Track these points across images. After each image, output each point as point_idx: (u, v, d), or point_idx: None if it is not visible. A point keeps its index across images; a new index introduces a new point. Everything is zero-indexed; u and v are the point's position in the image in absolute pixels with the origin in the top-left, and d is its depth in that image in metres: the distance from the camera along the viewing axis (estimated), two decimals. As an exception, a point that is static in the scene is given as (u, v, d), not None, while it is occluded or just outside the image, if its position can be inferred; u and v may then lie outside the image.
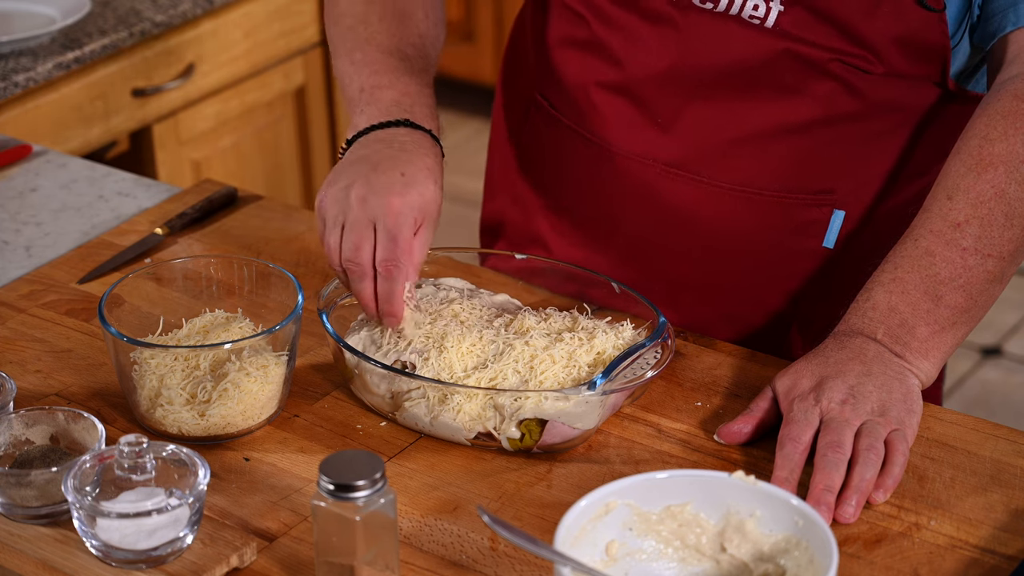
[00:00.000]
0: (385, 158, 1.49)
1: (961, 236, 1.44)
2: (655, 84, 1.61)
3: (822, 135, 1.57)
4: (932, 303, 1.44)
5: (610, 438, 1.46)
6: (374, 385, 1.46)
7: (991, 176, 1.44)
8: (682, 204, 1.63)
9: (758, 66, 1.55)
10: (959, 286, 1.44)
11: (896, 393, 1.41)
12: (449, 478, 1.41)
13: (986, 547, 1.33)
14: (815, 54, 1.53)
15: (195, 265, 1.57)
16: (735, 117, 1.58)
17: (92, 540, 1.30)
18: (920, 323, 1.44)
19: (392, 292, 1.45)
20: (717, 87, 1.58)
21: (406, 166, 1.48)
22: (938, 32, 1.50)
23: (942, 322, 1.44)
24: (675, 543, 1.27)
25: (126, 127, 2.77)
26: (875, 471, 1.36)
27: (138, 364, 1.45)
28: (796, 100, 1.56)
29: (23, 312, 1.65)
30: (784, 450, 1.38)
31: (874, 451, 1.36)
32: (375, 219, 1.45)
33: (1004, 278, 1.47)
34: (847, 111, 1.56)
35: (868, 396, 1.40)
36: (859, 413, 1.39)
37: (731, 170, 1.60)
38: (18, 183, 1.95)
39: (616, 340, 1.47)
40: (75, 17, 2.63)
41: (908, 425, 1.40)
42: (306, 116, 3.16)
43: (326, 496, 1.25)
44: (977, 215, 1.44)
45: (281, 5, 3.01)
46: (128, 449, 1.30)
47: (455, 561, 1.32)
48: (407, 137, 1.52)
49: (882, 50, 1.51)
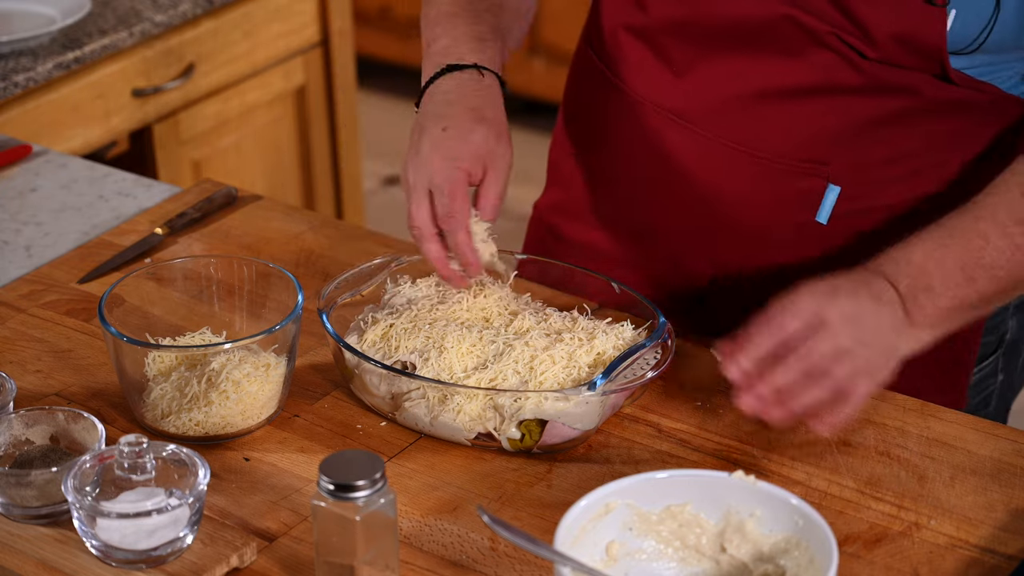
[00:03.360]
0: (430, 118, 1.54)
1: (1019, 234, 1.43)
2: (672, 32, 1.62)
3: (820, 104, 1.56)
4: (966, 282, 1.43)
5: (610, 438, 1.46)
6: (373, 386, 1.46)
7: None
8: (683, 154, 1.63)
9: (763, 27, 1.55)
10: (994, 276, 1.43)
11: (887, 344, 1.40)
12: (449, 478, 1.41)
13: (986, 547, 1.33)
14: (815, 24, 1.52)
15: (195, 265, 1.57)
16: (738, 74, 1.59)
17: (92, 540, 1.30)
18: (945, 296, 1.43)
19: (457, 244, 1.49)
20: (725, 42, 1.58)
21: (448, 119, 1.53)
22: (936, 30, 1.49)
23: (964, 302, 1.43)
24: (675, 543, 1.27)
25: (126, 127, 2.77)
26: (822, 398, 1.35)
27: (138, 364, 1.45)
28: (796, 65, 1.55)
29: (23, 312, 1.65)
30: (756, 326, 1.37)
31: (833, 380, 1.35)
32: (428, 183, 1.50)
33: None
34: (847, 84, 1.55)
35: (866, 328, 1.39)
36: (851, 339, 1.37)
37: (729, 126, 1.60)
38: (18, 183, 1.95)
39: (616, 340, 1.47)
40: (75, 17, 2.62)
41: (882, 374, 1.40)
42: (306, 116, 3.16)
43: (326, 496, 1.25)
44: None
45: (281, 5, 3.01)
46: (128, 449, 1.30)
47: (455, 561, 1.32)
48: (451, 83, 1.56)
49: (877, 37, 1.51)
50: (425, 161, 1.51)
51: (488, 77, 1.58)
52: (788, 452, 1.44)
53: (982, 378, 1.72)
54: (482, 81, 1.57)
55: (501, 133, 1.55)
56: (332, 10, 3.13)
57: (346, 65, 3.21)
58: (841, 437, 1.46)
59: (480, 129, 1.53)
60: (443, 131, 1.52)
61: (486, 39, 1.60)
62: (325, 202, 3.26)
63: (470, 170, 1.51)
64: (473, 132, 1.52)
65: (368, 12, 4.47)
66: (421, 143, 1.52)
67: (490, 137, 1.53)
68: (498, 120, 1.55)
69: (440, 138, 1.52)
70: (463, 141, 1.51)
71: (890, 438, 1.45)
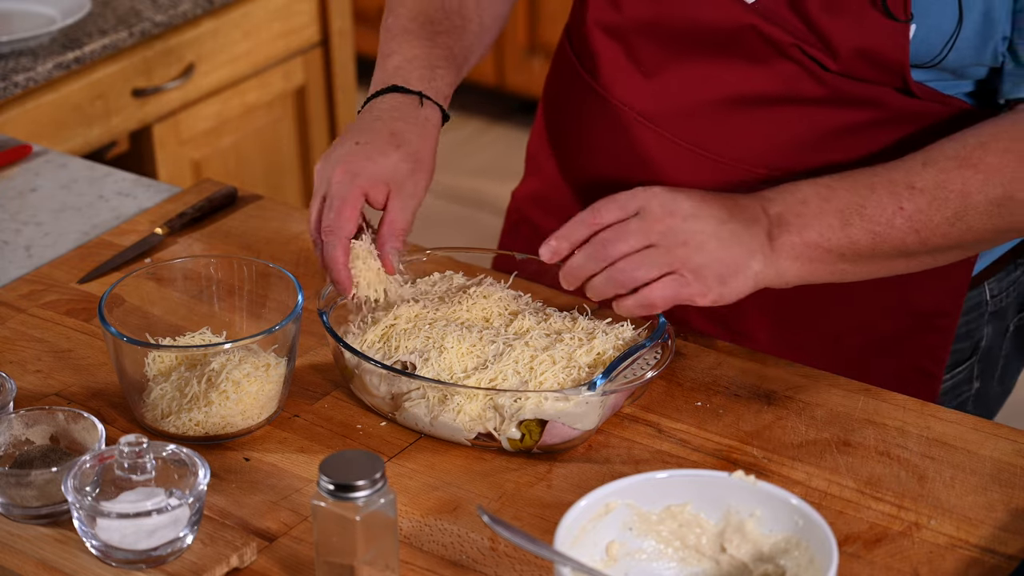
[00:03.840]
0: (353, 130, 1.54)
1: (907, 198, 1.43)
2: (643, 33, 1.62)
3: (783, 113, 1.56)
4: (839, 224, 1.43)
5: (610, 438, 1.46)
6: (373, 387, 1.46)
7: (968, 175, 1.43)
8: (650, 155, 1.64)
9: (728, 35, 1.55)
10: (871, 231, 1.43)
11: (729, 257, 1.40)
12: (449, 478, 1.41)
13: (986, 547, 1.33)
14: (778, 35, 1.52)
15: (195, 265, 1.57)
16: (705, 79, 1.59)
17: (92, 540, 1.30)
18: (814, 230, 1.43)
19: (330, 257, 1.48)
20: (693, 46, 1.59)
21: (366, 135, 1.52)
22: (899, 44, 1.49)
23: (833, 245, 1.43)
24: (675, 543, 1.27)
25: (126, 127, 2.77)
26: (613, 290, 1.39)
27: (138, 364, 1.45)
28: (760, 73, 1.56)
29: (23, 312, 1.65)
30: (581, 213, 1.41)
31: (623, 271, 1.38)
32: (326, 190, 1.50)
33: (913, 261, 1.47)
34: (809, 95, 1.55)
35: (697, 232, 1.40)
36: (664, 236, 1.39)
37: (694, 130, 1.61)
38: (18, 183, 1.95)
39: (616, 341, 1.47)
40: (75, 17, 2.63)
41: (699, 285, 1.40)
42: (306, 116, 3.16)
43: (326, 496, 1.25)
44: (933, 195, 1.43)
45: (281, 5, 3.01)
46: (128, 449, 1.31)
47: (455, 561, 1.32)
48: (388, 104, 1.55)
49: (840, 50, 1.51)
50: (330, 169, 1.51)
51: (428, 108, 1.57)
52: (788, 452, 1.44)
53: (955, 384, 1.71)
54: (419, 111, 1.56)
55: (418, 163, 1.53)
56: (332, 10, 3.13)
57: (346, 65, 3.21)
58: (841, 437, 1.46)
59: (393, 154, 1.51)
60: (356, 144, 1.52)
61: (437, 67, 1.59)
62: (325, 202, 3.25)
63: (368, 190, 1.50)
64: (384, 155, 1.51)
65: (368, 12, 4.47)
66: (334, 150, 1.53)
67: (400, 164, 1.52)
68: (421, 151, 1.54)
69: (351, 151, 1.51)
70: (370, 160, 1.50)
71: (890, 438, 1.46)
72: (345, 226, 1.48)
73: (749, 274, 1.42)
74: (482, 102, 4.33)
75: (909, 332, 1.64)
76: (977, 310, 1.68)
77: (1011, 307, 1.73)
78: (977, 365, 1.72)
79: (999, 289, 1.69)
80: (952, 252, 1.48)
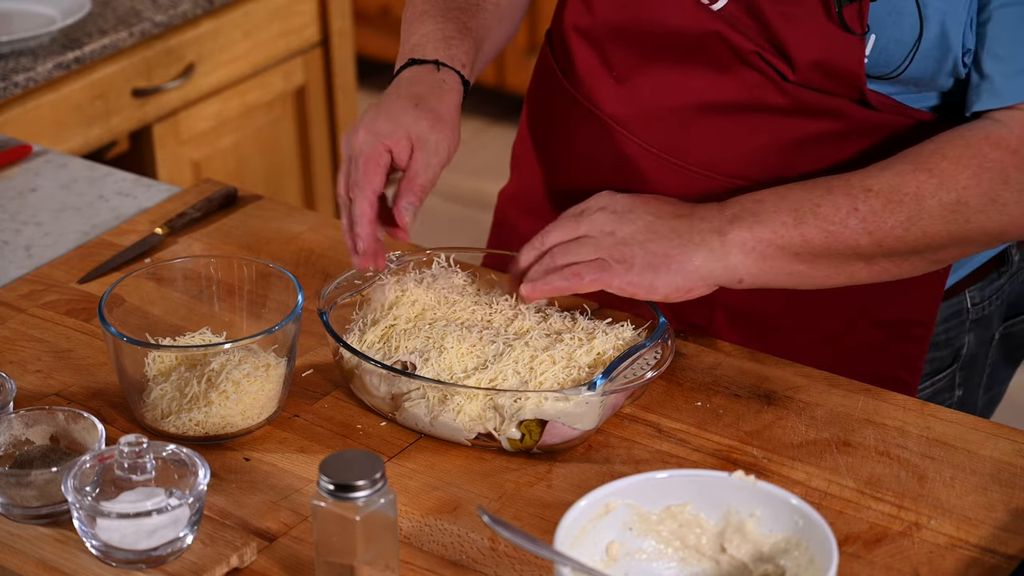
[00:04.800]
0: (376, 103, 1.57)
1: (862, 199, 1.44)
2: (614, 37, 1.63)
3: (747, 121, 1.57)
4: (793, 221, 1.44)
5: (610, 438, 1.46)
6: (373, 387, 1.46)
7: (923, 180, 1.44)
8: (623, 161, 1.64)
9: (695, 40, 1.56)
10: (825, 230, 1.44)
11: (657, 248, 1.44)
12: (449, 478, 1.41)
13: (986, 547, 1.33)
14: (741, 42, 1.53)
15: (195, 265, 1.57)
16: (672, 85, 1.59)
17: (92, 540, 1.30)
18: (767, 226, 1.44)
19: (358, 211, 1.50)
20: (661, 52, 1.59)
21: (386, 101, 1.56)
22: (855, 56, 1.49)
23: (786, 242, 1.44)
24: (675, 543, 1.27)
25: (126, 127, 2.77)
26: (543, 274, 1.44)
27: (138, 364, 1.45)
28: (725, 81, 1.56)
29: (23, 312, 1.65)
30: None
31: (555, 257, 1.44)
32: (350, 154, 1.53)
33: (871, 264, 1.47)
34: (773, 104, 1.55)
35: (626, 223, 1.44)
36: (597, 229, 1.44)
37: (661, 136, 1.61)
38: (18, 183, 1.95)
39: (616, 340, 1.47)
40: (75, 17, 2.63)
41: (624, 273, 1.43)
42: (306, 116, 3.16)
43: (326, 496, 1.25)
44: (888, 197, 1.44)
45: (281, 5, 3.01)
46: (128, 449, 1.31)
47: (455, 561, 1.32)
48: (407, 76, 1.59)
49: (797, 61, 1.51)
50: (353, 134, 1.53)
51: (444, 72, 1.59)
52: (788, 452, 1.44)
53: (936, 392, 1.71)
54: (435, 74, 1.59)
55: (439, 120, 1.55)
56: (332, 10, 3.13)
57: (346, 65, 3.21)
58: (841, 437, 1.46)
59: (412, 112, 1.54)
60: (377, 109, 1.55)
61: (452, 37, 1.62)
62: (325, 202, 3.26)
63: (392, 147, 1.51)
64: (404, 113, 1.54)
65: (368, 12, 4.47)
66: (358, 121, 1.56)
67: (422, 120, 1.53)
68: (439, 108, 1.56)
69: (372, 116, 1.54)
70: (391, 120, 1.53)
71: (890, 438, 1.46)
72: (372, 180, 1.50)
73: (689, 267, 1.44)
74: (482, 102, 4.33)
75: (884, 341, 1.64)
76: (958, 318, 1.68)
77: (995, 315, 1.72)
78: (959, 373, 1.72)
79: (981, 297, 1.69)
80: (912, 260, 1.48)
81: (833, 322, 1.64)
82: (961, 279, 1.67)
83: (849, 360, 1.62)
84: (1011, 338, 1.77)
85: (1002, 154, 1.44)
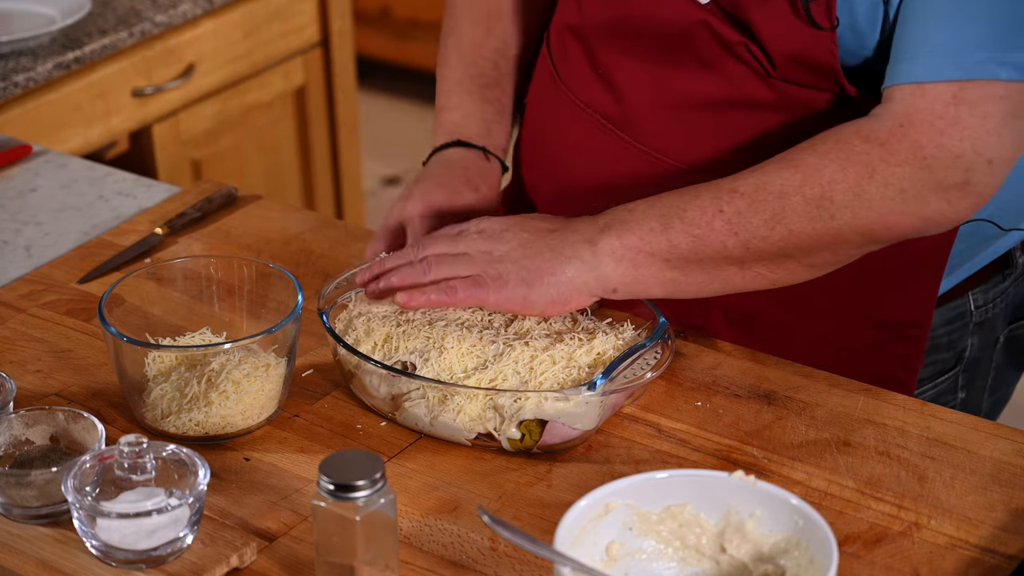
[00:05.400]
0: (430, 175, 1.66)
1: (727, 201, 1.43)
2: (601, 34, 1.64)
3: (736, 117, 1.56)
4: (660, 227, 1.44)
5: (610, 438, 1.46)
6: (373, 387, 1.46)
7: (787, 176, 1.42)
8: (614, 160, 1.64)
9: (681, 35, 1.56)
10: (691, 234, 1.43)
11: (530, 263, 1.45)
12: (449, 478, 1.41)
13: (986, 547, 1.33)
14: (727, 34, 1.53)
15: (195, 265, 1.57)
16: (658, 81, 1.60)
17: (92, 540, 1.30)
18: (635, 233, 1.45)
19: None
20: (648, 48, 1.59)
21: (443, 177, 1.64)
22: (827, 50, 1.48)
23: (654, 248, 1.44)
24: (675, 543, 1.27)
25: (126, 127, 2.77)
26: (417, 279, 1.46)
27: (138, 364, 1.45)
28: (711, 75, 1.56)
29: (23, 312, 1.65)
30: None
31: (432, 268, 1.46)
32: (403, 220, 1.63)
33: (745, 270, 1.45)
34: (759, 99, 1.55)
35: (501, 243, 1.47)
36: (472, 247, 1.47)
37: (647, 134, 1.61)
38: (18, 183, 1.95)
39: (616, 341, 1.47)
40: (75, 17, 2.63)
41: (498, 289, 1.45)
42: (306, 116, 3.16)
43: (326, 496, 1.25)
44: (753, 196, 1.42)
45: (281, 5, 3.01)
46: (128, 449, 1.31)
47: (455, 561, 1.32)
48: (456, 155, 1.68)
49: (775, 55, 1.51)
50: (412, 204, 1.61)
51: (492, 161, 1.69)
52: (788, 452, 1.44)
53: (939, 394, 1.71)
54: (486, 163, 1.68)
55: (488, 208, 1.64)
56: (332, 10, 3.13)
57: (346, 65, 3.21)
58: (841, 437, 1.46)
59: (471, 195, 1.62)
60: (429, 181, 1.63)
61: (493, 123, 1.71)
62: (325, 202, 3.26)
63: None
64: (462, 195, 1.62)
65: (368, 12, 4.48)
66: (413, 188, 1.63)
67: (477, 207, 1.62)
68: (487, 197, 1.65)
69: (430, 189, 1.62)
70: (450, 200, 1.61)
71: (890, 438, 1.46)
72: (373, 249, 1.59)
73: (562, 279, 1.45)
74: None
75: (881, 342, 1.64)
76: (961, 320, 1.68)
77: (1000, 318, 1.72)
78: (962, 375, 1.72)
79: (985, 300, 1.68)
80: (787, 264, 1.45)
81: (829, 323, 1.64)
82: (963, 281, 1.66)
83: (846, 361, 1.62)
84: (1017, 341, 1.76)
85: (870, 147, 1.40)
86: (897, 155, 1.39)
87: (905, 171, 1.39)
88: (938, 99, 1.38)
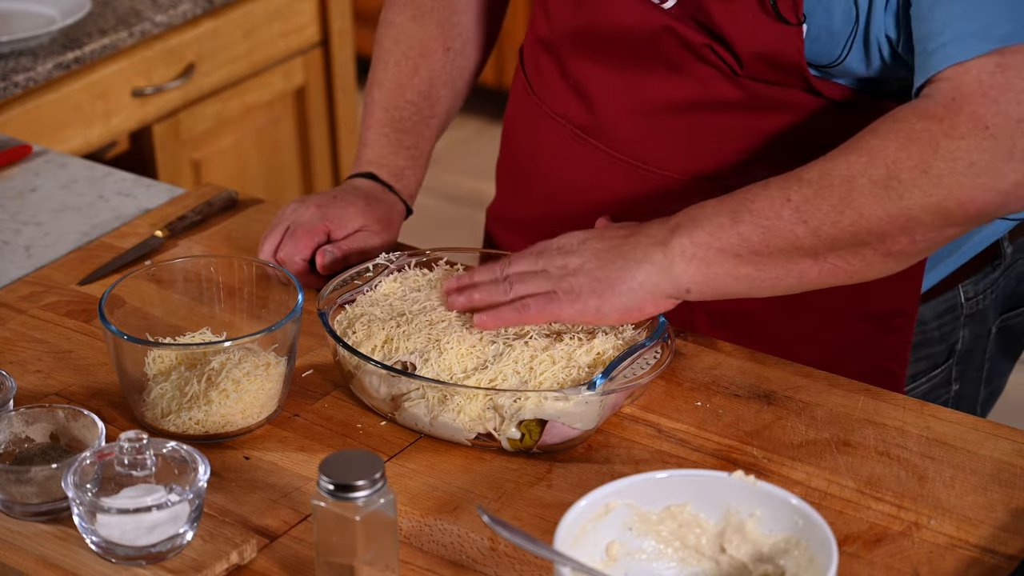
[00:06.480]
0: (332, 190, 1.71)
1: (795, 189, 1.41)
2: (571, 44, 1.64)
3: (707, 119, 1.56)
4: (730, 222, 1.42)
5: (610, 438, 1.46)
6: (373, 388, 1.46)
7: (852, 159, 1.40)
8: (591, 170, 1.65)
9: (647, 40, 1.56)
10: (761, 226, 1.41)
11: (601, 273, 1.45)
12: (449, 478, 1.41)
13: (986, 547, 1.33)
14: (692, 36, 1.53)
15: (195, 266, 1.57)
16: (628, 88, 1.60)
17: (92, 536, 1.30)
18: (705, 229, 1.43)
19: None
20: (616, 55, 1.60)
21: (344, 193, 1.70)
22: (793, 47, 1.48)
23: (725, 243, 1.42)
24: (675, 543, 1.27)
25: (126, 127, 2.77)
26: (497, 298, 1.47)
27: (138, 363, 1.45)
28: (680, 78, 1.56)
29: (23, 313, 1.65)
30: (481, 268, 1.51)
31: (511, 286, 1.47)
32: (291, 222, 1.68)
33: (820, 262, 1.42)
34: (728, 99, 1.55)
35: (577, 256, 1.46)
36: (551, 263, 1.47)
37: (621, 140, 1.61)
38: (18, 183, 1.95)
39: (616, 340, 1.47)
40: (75, 17, 2.63)
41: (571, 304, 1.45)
42: (306, 116, 3.16)
43: (326, 496, 1.25)
44: (819, 183, 1.41)
45: (281, 5, 3.01)
46: (128, 445, 1.31)
47: (455, 561, 1.32)
48: (366, 184, 1.73)
49: (741, 53, 1.51)
50: (302, 205, 1.67)
51: (398, 203, 1.73)
52: (788, 452, 1.44)
53: (933, 387, 1.71)
54: (391, 196, 1.73)
55: (387, 226, 1.69)
56: (332, 10, 3.13)
57: (346, 65, 3.22)
58: (841, 437, 1.46)
59: (364, 207, 1.68)
60: (333, 195, 1.68)
61: (405, 169, 1.75)
62: (325, 202, 3.25)
63: (332, 230, 1.65)
64: (354, 205, 1.67)
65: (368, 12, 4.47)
66: (307, 198, 1.68)
67: (372, 221, 1.67)
68: (390, 219, 1.70)
69: (328, 199, 1.67)
70: (346, 206, 1.67)
71: (890, 438, 1.46)
72: (302, 250, 1.63)
73: (633, 285, 1.44)
74: (482, 102, 4.33)
75: (869, 334, 1.64)
76: (952, 312, 1.68)
77: (991, 309, 1.72)
78: (955, 368, 1.71)
79: (975, 291, 1.68)
80: (863, 253, 1.42)
81: (815, 319, 1.64)
82: (952, 273, 1.66)
83: (836, 355, 1.62)
84: (1009, 331, 1.76)
85: (929, 123, 1.38)
86: (958, 128, 1.37)
87: (970, 143, 1.36)
88: (983, 70, 1.37)
